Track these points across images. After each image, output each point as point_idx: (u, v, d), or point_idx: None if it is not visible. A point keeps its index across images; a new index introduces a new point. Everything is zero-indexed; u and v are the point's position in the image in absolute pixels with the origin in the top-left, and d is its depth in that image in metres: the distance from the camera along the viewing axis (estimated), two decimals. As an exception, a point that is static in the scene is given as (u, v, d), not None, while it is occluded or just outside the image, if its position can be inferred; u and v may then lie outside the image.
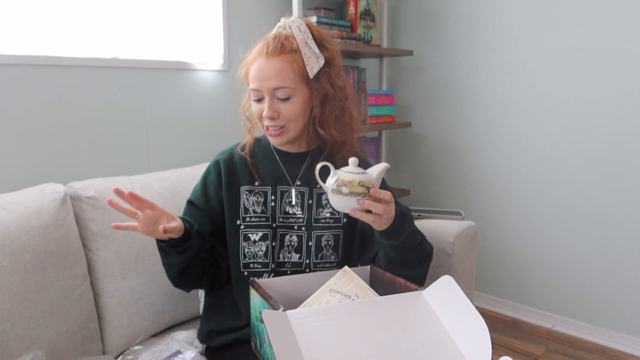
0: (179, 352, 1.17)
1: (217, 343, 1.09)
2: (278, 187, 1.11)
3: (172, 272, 1.08)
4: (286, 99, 1.03)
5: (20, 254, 1.06)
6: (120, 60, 1.53)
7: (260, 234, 1.09)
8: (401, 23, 2.48)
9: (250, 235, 1.09)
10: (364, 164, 1.18)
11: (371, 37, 2.19)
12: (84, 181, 1.29)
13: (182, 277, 1.08)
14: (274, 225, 1.10)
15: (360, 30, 2.12)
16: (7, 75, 1.31)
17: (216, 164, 1.14)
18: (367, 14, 2.16)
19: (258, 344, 0.92)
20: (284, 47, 1.03)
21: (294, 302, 0.95)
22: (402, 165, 2.58)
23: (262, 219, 1.10)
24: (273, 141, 1.10)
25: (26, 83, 1.35)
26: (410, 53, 2.32)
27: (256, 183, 1.11)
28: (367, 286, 0.93)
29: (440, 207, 2.39)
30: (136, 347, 1.25)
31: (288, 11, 1.93)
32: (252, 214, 1.10)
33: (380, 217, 0.91)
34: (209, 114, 1.80)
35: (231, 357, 1.06)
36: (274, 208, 1.10)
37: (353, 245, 1.14)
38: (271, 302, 0.84)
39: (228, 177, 1.11)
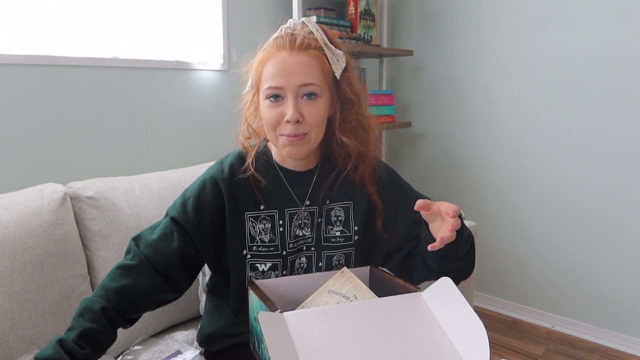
0: (178, 352, 1.18)
1: (216, 348, 1.08)
2: (286, 210, 1.00)
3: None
4: (312, 99, 0.91)
5: (20, 254, 1.06)
6: (120, 60, 1.53)
7: (269, 264, 0.99)
8: (401, 23, 2.48)
9: (258, 265, 0.99)
10: (385, 169, 1.10)
11: (371, 37, 2.19)
12: (84, 181, 1.29)
13: None
14: (284, 253, 1.00)
15: (360, 30, 2.12)
16: (7, 75, 1.31)
17: (214, 183, 0.98)
18: (367, 14, 2.15)
19: (256, 345, 0.92)
20: (309, 44, 0.91)
21: (292, 303, 0.95)
22: (402, 165, 2.58)
23: (271, 248, 0.99)
24: (291, 150, 0.94)
25: (26, 83, 1.35)
26: (410, 53, 2.32)
27: (262, 207, 0.99)
28: (365, 287, 0.93)
29: (440, 207, 2.38)
30: (136, 347, 1.25)
31: (288, 12, 1.93)
32: (259, 243, 0.99)
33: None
34: (209, 114, 1.80)
35: (230, 359, 1.06)
36: (282, 234, 1.00)
37: (365, 263, 1.06)
38: (268, 303, 0.84)
39: (232, 202, 0.97)
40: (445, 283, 0.87)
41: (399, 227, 1.05)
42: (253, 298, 0.92)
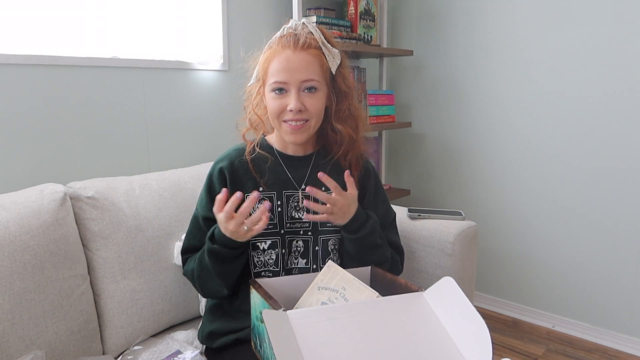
0: (178, 352, 1.18)
1: (218, 344, 1.09)
2: (283, 191, 1.10)
3: (230, 279, 1.06)
4: (313, 92, 1.03)
5: (20, 254, 1.06)
6: (120, 60, 1.53)
7: (269, 242, 1.08)
8: (401, 23, 2.48)
9: (258, 244, 1.07)
10: (373, 167, 1.23)
11: (371, 37, 2.19)
12: (84, 181, 1.29)
13: (233, 283, 1.07)
14: (282, 231, 1.09)
15: (360, 30, 2.12)
16: (7, 75, 1.31)
17: (220, 173, 1.10)
18: (367, 14, 2.16)
19: (258, 344, 0.92)
20: (310, 43, 1.03)
21: (294, 302, 0.95)
22: (402, 165, 2.58)
23: (269, 227, 1.07)
24: (293, 138, 1.06)
25: (26, 83, 1.34)
26: (410, 53, 2.32)
27: (260, 189, 1.09)
28: (352, 277, 0.93)
29: (440, 207, 2.39)
30: (136, 347, 1.24)
31: (288, 12, 1.93)
32: None
33: (331, 210, 1.00)
34: (209, 114, 1.79)
35: (231, 357, 1.06)
36: (281, 214, 1.09)
37: None
38: (271, 302, 0.84)
39: (232, 185, 1.08)
40: (447, 282, 0.87)
41: None
42: (255, 297, 0.92)
